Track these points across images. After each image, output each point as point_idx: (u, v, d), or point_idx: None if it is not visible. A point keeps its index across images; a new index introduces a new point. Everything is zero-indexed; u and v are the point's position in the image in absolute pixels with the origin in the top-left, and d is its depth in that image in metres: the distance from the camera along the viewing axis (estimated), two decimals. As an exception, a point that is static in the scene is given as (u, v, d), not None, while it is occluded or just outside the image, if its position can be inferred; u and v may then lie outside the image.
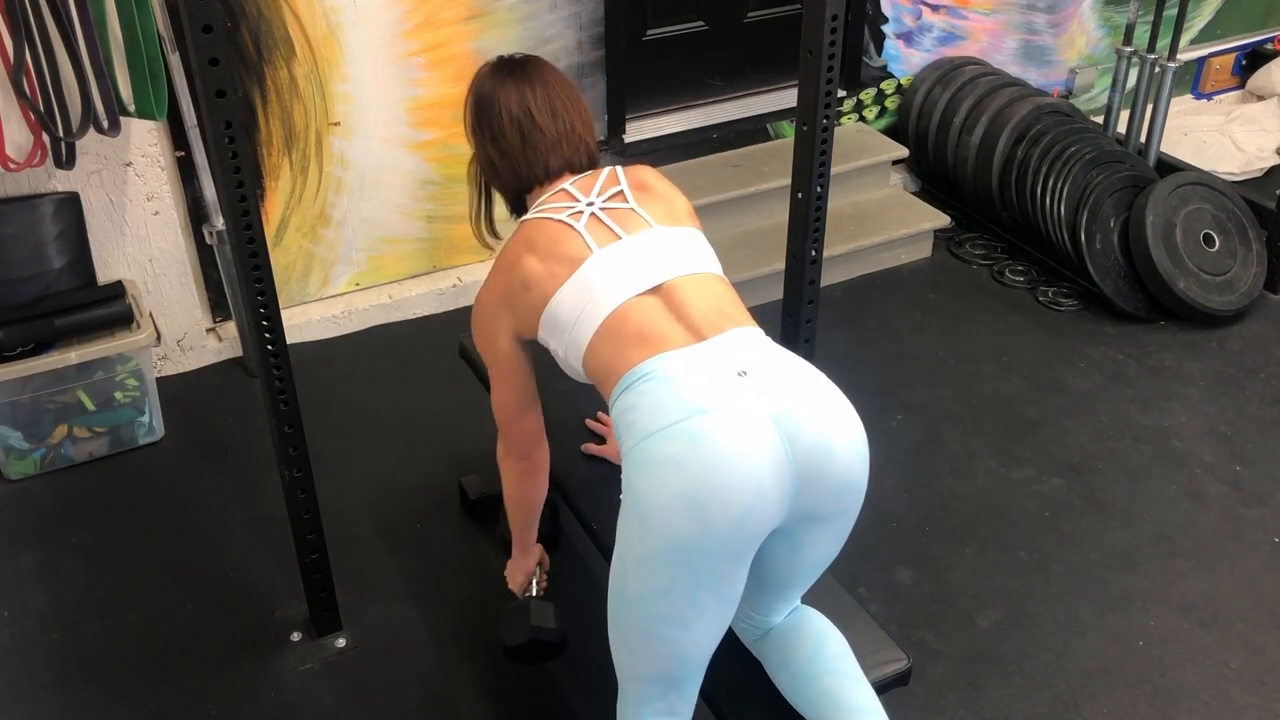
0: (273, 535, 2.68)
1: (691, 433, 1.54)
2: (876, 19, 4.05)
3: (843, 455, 1.61)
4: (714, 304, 1.72)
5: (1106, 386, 3.29)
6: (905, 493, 2.89)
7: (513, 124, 1.88)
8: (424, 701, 2.34)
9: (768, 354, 1.67)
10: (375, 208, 3.47)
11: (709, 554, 1.56)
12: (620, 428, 1.66)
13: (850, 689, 1.77)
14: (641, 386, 1.63)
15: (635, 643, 1.67)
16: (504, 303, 1.86)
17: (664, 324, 1.68)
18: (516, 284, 1.82)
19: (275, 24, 3.12)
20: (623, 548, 1.63)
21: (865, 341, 3.49)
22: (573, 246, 1.78)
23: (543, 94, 1.89)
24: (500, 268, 1.87)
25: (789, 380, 1.63)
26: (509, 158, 1.90)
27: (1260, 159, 4.46)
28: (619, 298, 1.71)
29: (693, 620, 1.61)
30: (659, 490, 1.54)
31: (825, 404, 1.62)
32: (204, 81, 1.79)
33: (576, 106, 1.93)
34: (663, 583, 1.58)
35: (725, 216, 3.67)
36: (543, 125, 1.88)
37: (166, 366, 3.30)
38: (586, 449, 2.32)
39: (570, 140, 1.91)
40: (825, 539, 1.72)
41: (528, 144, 1.89)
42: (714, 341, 1.65)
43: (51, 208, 2.92)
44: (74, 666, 2.41)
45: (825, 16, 1.99)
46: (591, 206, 1.82)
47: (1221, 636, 2.50)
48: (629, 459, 1.61)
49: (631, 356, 1.66)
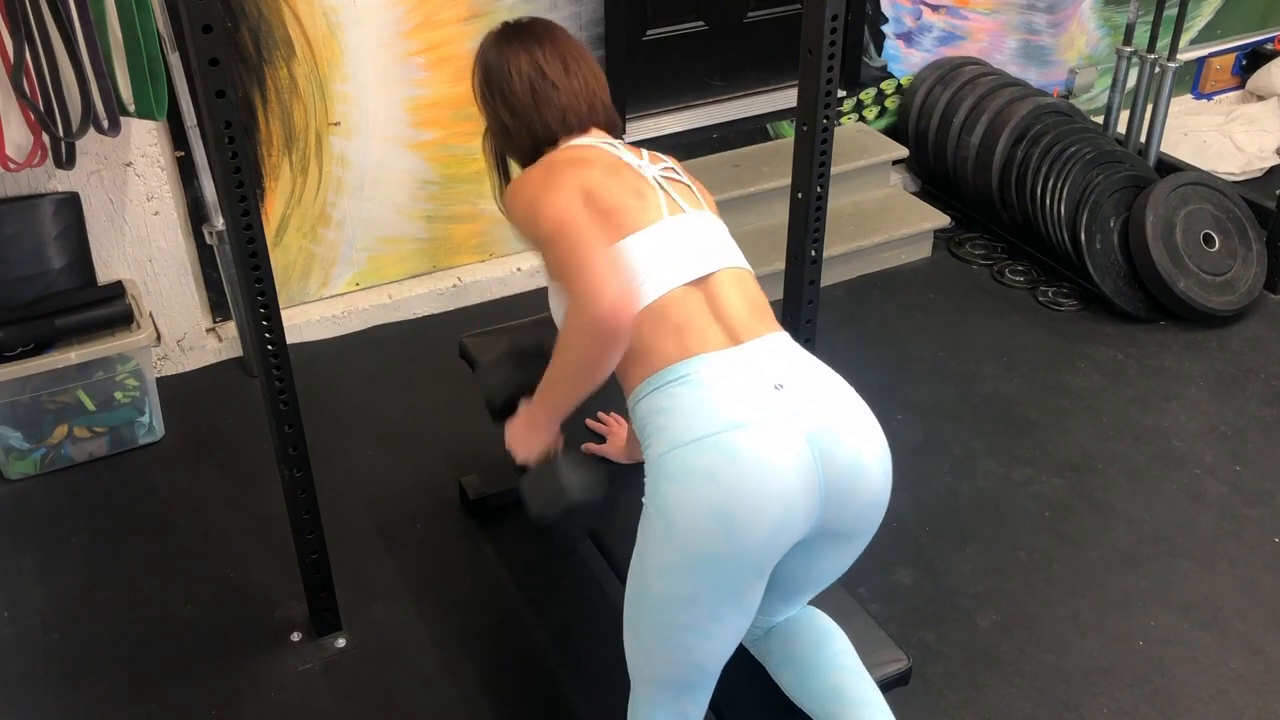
0: (273, 535, 2.68)
1: (728, 447, 1.52)
2: (876, 19, 4.05)
3: (872, 475, 1.61)
4: (749, 306, 1.70)
5: (1106, 386, 3.29)
6: (905, 493, 2.88)
7: (523, 82, 1.80)
8: (424, 701, 2.34)
9: (801, 365, 1.66)
10: (375, 208, 3.47)
11: (735, 568, 1.55)
12: (648, 428, 1.63)
13: (854, 683, 1.77)
14: (675, 389, 1.60)
15: (653, 648, 1.67)
16: (581, 174, 1.68)
17: (703, 322, 1.65)
18: (601, 174, 1.68)
19: (275, 24, 3.12)
20: (645, 554, 1.62)
21: (865, 341, 3.49)
22: (651, 195, 1.70)
23: (552, 51, 1.82)
24: (568, 155, 1.73)
25: (823, 396, 1.62)
26: (521, 116, 1.81)
27: (1260, 159, 4.46)
28: (673, 281, 1.66)
29: (713, 630, 1.62)
30: (690, 503, 1.53)
31: (858, 422, 1.62)
32: (204, 81, 1.79)
33: (588, 64, 1.86)
34: (686, 593, 1.57)
35: (725, 216, 3.58)
36: (555, 80, 1.80)
37: (166, 366, 3.30)
38: (587, 449, 2.32)
39: (586, 96, 1.83)
40: (843, 553, 1.73)
41: (540, 99, 1.80)
42: (749, 347, 1.64)
43: (51, 208, 2.92)
44: (74, 666, 2.41)
45: (825, 16, 1.99)
46: (650, 169, 1.75)
47: (1221, 636, 2.50)
48: (658, 465, 1.58)
49: (668, 350, 1.63)
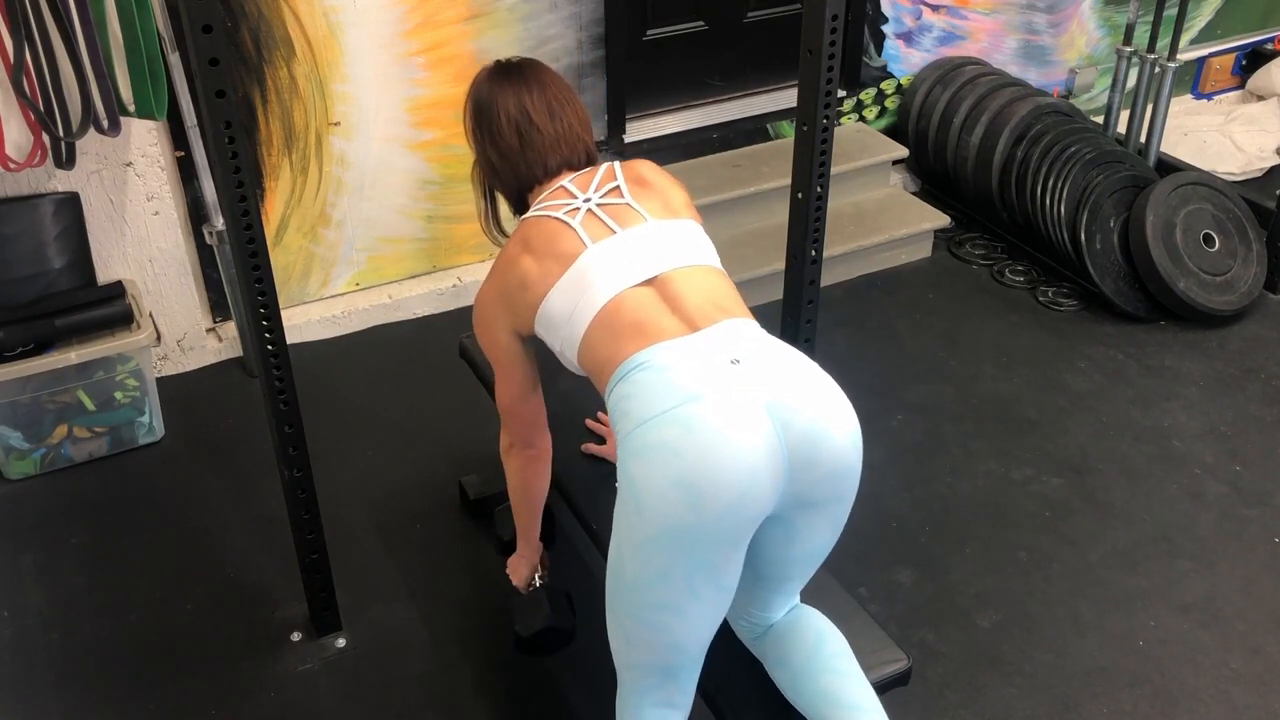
0: (273, 535, 2.68)
1: (685, 419, 1.56)
2: (876, 19, 4.05)
3: (835, 441, 1.63)
4: (708, 295, 1.74)
5: (1106, 386, 3.29)
6: (905, 493, 2.89)
7: (511, 126, 1.91)
8: (424, 701, 2.34)
9: (760, 344, 1.69)
10: (375, 208, 3.47)
11: (704, 539, 1.57)
12: (615, 417, 1.68)
13: (849, 686, 1.77)
14: (635, 376, 1.65)
15: (632, 631, 1.69)
16: (501, 302, 1.88)
17: (658, 315, 1.71)
18: (514, 283, 1.84)
19: (275, 24, 3.12)
20: (619, 535, 1.65)
21: (865, 341, 3.49)
22: (567, 243, 1.80)
23: (539, 95, 1.92)
24: (499, 267, 1.89)
25: (781, 368, 1.65)
26: (509, 159, 1.93)
27: (1260, 159, 4.46)
28: (612, 290, 1.73)
29: (689, 607, 1.63)
30: (653, 476, 1.56)
31: (817, 391, 1.65)
32: (204, 81, 1.79)
33: (573, 106, 1.96)
34: (659, 568, 1.59)
35: (725, 216, 3.66)
36: (540, 126, 1.91)
37: (166, 366, 3.30)
38: (586, 449, 2.32)
39: (568, 140, 1.93)
40: (820, 526, 1.73)
41: (526, 145, 1.91)
42: (708, 332, 1.68)
43: (51, 208, 2.92)
44: (74, 666, 2.41)
45: (825, 16, 1.99)
46: (589, 203, 1.84)
47: (1221, 636, 2.50)
48: (624, 446, 1.63)
49: (626, 348, 1.69)
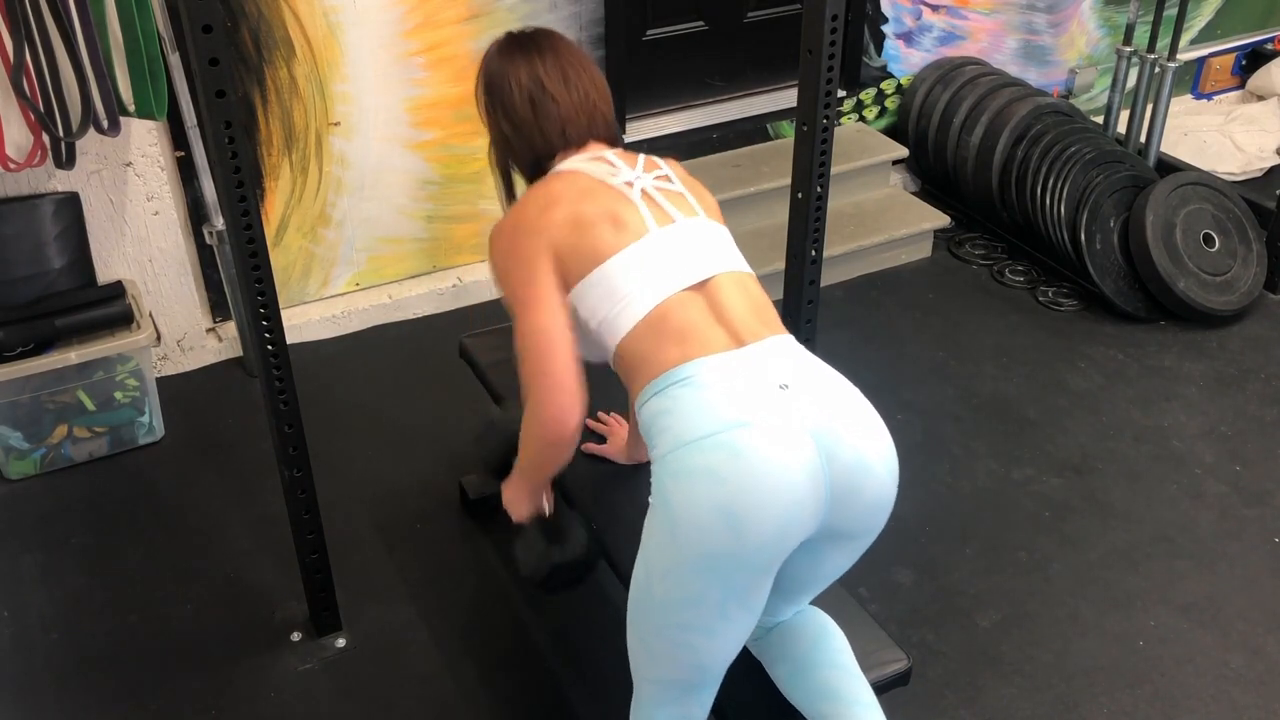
0: (273, 535, 2.68)
1: (731, 445, 1.51)
2: (876, 19, 4.05)
3: (877, 474, 1.61)
4: (752, 308, 1.70)
5: (1106, 386, 3.29)
6: (905, 493, 2.84)
7: (523, 95, 1.80)
8: (424, 701, 2.34)
9: (806, 366, 1.65)
10: (375, 208, 3.47)
11: (741, 567, 1.55)
12: (652, 431, 1.63)
13: (848, 682, 1.77)
14: (677, 391, 1.60)
15: (657, 648, 1.67)
16: (546, 233, 1.70)
17: (704, 325, 1.65)
18: (566, 219, 1.69)
19: (275, 24, 3.12)
20: (650, 554, 1.61)
21: (865, 341, 3.49)
22: (630, 214, 1.70)
23: (553, 63, 1.81)
24: (538, 199, 1.74)
25: (828, 396, 1.61)
26: (522, 130, 1.82)
27: (1260, 159, 4.46)
28: (667, 290, 1.66)
29: (719, 629, 1.61)
30: (694, 501, 1.52)
31: (862, 422, 1.62)
32: (204, 81, 1.79)
33: (589, 74, 1.84)
34: (691, 593, 1.57)
35: (725, 216, 3.64)
36: (554, 94, 1.80)
37: (166, 366, 3.30)
38: (587, 449, 2.31)
39: (585, 108, 1.82)
40: (845, 555, 1.74)
41: (540, 114, 1.80)
42: (753, 348, 1.64)
43: (51, 208, 2.91)
44: (74, 666, 2.41)
45: (825, 16, 1.99)
46: (640, 180, 1.75)
47: (1221, 636, 2.50)
48: (662, 464, 1.58)
49: (670, 355, 1.63)
